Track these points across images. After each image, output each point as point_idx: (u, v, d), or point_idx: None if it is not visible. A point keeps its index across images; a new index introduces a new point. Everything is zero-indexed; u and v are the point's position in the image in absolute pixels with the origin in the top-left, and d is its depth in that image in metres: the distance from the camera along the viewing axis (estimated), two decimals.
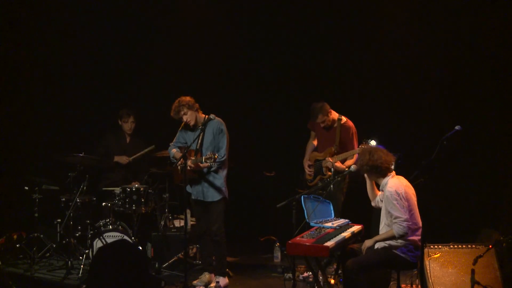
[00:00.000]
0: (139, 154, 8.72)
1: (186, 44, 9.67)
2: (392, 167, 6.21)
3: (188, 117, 7.36)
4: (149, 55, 9.74)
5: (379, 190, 6.34)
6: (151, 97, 9.65)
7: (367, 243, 6.07)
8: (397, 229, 5.91)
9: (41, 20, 9.30)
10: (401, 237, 5.95)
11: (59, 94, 9.50)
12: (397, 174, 6.26)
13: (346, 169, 7.37)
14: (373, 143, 7.04)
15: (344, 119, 7.83)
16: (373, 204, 6.46)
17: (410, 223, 5.90)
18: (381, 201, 6.26)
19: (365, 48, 9.25)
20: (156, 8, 9.66)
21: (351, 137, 7.77)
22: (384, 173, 6.13)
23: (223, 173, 7.44)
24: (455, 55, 8.71)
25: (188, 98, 7.36)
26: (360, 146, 7.23)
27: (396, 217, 5.92)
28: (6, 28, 9.13)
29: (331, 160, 7.64)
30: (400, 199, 5.94)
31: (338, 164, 7.63)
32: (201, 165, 7.22)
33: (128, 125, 8.76)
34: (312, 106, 7.78)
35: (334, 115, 7.81)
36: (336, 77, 9.40)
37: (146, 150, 8.72)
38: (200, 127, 7.39)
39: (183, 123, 7.49)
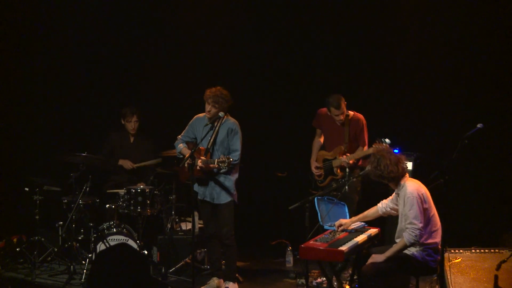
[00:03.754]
0: (144, 163, 8.67)
1: (192, 41, 9.61)
2: (406, 169, 6.10)
3: (214, 109, 7.12)
4: (153, 53, 9.71)
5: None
6: (155, 95, 9.61)
7: (377, 258, 5.94)
8: (408, 237, 5.85)
9: (42, 18, 9.31)
10: (412, 245, 5.89)
11: (60, 92, 9.49)
12: (416, 175, 6.30)
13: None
14: (387, 141, 6.92)
15: (351, 113, 7.75)
16: (382, 214, 6.44)
17: (423, 231, 5.84)
18: (395, 205, 6.20)
19: (382, 45, 9.20)
20: (159, 5, 9.64)
21: (362, 128, 7.69)
22: (396, 181, 6.04)
23: (235, 175, 7.31)
24: (477, 51, 8.64)
25: (228, 96, 7.14)
26: (373, 145, 7.07)
27: (410, 223, 5.85)
28: (7, 26, 9.14)
29: (345, 159, 7.52)
30: (422, 202, 5.87)
31: (353, 162, 7.57)
32: (211, 165, 7.05)
33: (131, 125, 8.67)
34: (331, 97, 7.61)
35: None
36: (352, 75, 9.33)
37: (152, 161, 8.66)
38: (210, 124, 7.21)
39: (195, 117, 7.33)
